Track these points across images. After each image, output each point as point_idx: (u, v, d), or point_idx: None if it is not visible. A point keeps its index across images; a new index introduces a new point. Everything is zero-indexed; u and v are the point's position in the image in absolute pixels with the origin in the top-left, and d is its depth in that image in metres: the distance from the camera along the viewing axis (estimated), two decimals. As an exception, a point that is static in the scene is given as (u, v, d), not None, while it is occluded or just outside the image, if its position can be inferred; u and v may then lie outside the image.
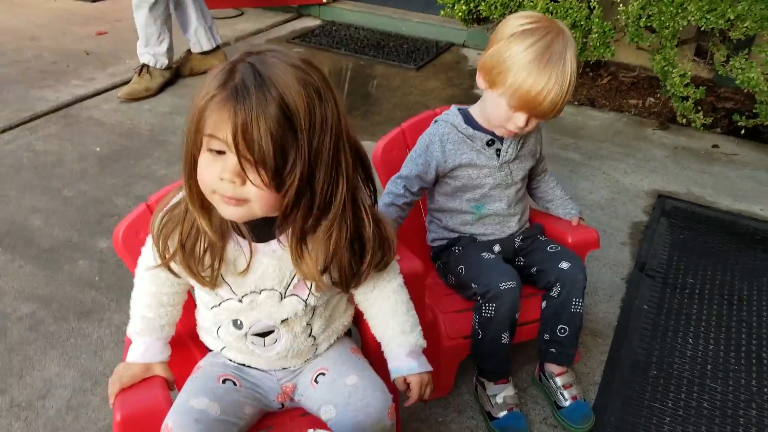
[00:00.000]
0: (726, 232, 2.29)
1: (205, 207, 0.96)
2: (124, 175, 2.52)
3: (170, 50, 3.23)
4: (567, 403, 1.50)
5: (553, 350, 1.49)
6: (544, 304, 1.50)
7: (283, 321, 1.07)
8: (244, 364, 1.16)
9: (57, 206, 2.31)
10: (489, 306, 1.41)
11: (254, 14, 4.55)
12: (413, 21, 4.31)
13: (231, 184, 0.88)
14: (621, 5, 2.93)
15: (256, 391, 1.15)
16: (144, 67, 3.19)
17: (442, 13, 3.58)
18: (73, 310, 1.85)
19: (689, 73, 2.81)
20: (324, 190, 0.91)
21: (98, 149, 2.71)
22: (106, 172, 2.54)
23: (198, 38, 3.36)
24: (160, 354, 1.11)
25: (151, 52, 3.18)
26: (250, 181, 0.86)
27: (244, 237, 0.99)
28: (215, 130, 0.86)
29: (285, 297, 1.05)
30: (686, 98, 2.84)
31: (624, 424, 1.52)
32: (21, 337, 1.75)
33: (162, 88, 3.25)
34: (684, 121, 2.93)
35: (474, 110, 1.52)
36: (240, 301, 1.04)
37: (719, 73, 2.87)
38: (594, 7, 2.98)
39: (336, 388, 1.11)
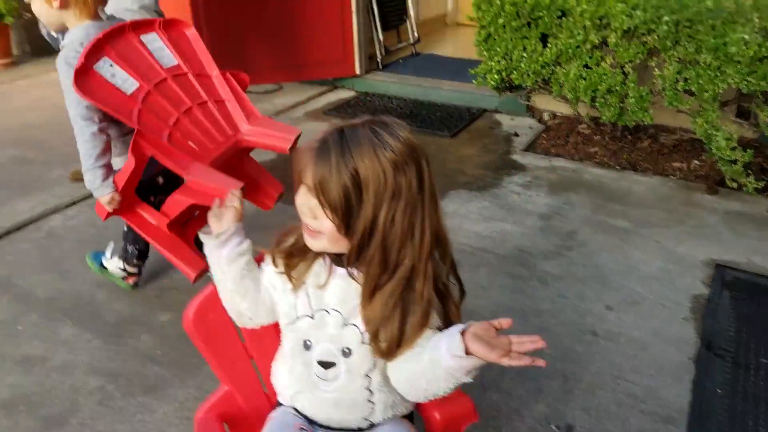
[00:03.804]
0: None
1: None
2: (180, 248, 2.59)
3: None
4: None
5: None
6: None
7: (344, 354, 1.13)
8: (310, 420, 1.20)
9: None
10: None
11: (292, 88, 4.73)
12: (444, 89, 4.45)
13: (310, 217, 1.04)
14: (656, 69, 3.00)
15: None
16: None
17: (474, 82, 3.70)
18: (139, 385, 1.89)
19: (735, 135, 2.80)
20: (394, 252, 1.03)
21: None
22: (163, 246, 2.61)
23: None
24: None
25: None
26: (326, 216, 1.03)
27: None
28: (304, 175, 1.04)
29: (347, 324, 1.12)
30: (734, 161, 2.79)
31: None
32: (92, 412, 1.79)
33: None
34: (734, 185, 2.87)
35: None
36: (312, 317, 1.14)
37: (765, 134, 2.87)
38: (628, 73, 3.06)
39: None
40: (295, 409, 1.22)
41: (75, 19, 1.84)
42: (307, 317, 1.14)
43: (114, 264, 2.30)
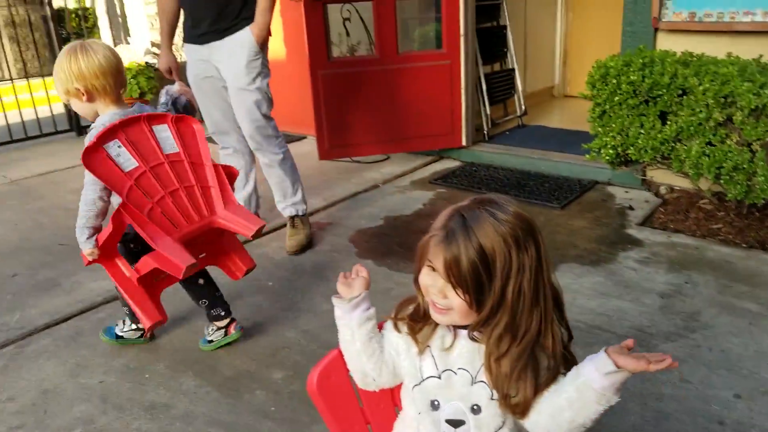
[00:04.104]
0: None
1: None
2: (293, 309, 2.68)
3: (305, 197, 3.44)
4: None
5: None
6: None
7: (474, 411, 1.16)
8: None
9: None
10: None
11: (399, 158, 4.86)
12: (553, 160, 4.41)
13: (440, 297, 1.13)
14: (787, 146, 2.87)
15: None
16: (293, 219, 3.37)
17: (587, 156, 3.66)
18: (254, 440, 1.94)
19: None
20: (523, 319, 1.11)
21: (270, 284, 2.92)
22: (277, 306, 2.71)
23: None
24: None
25: (290, 202, 3.37)
26: (456, 295, 1.11)
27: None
28: (433, 259, 1.12)
29: (475, 382, 1.17)
30: None
31: None
32: (211, 465, 1.85)
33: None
34: None
35: None
36: (439, 377, 1.19)
37: None
38: (756, 151, 2.94)
39: None
40: None
41: (104, 107, 2.13)
42: (434, 378, 1.19)
43: (128, 328, 2.48)
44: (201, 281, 2.42)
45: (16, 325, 2.66)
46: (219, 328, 2.42)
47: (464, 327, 1.18)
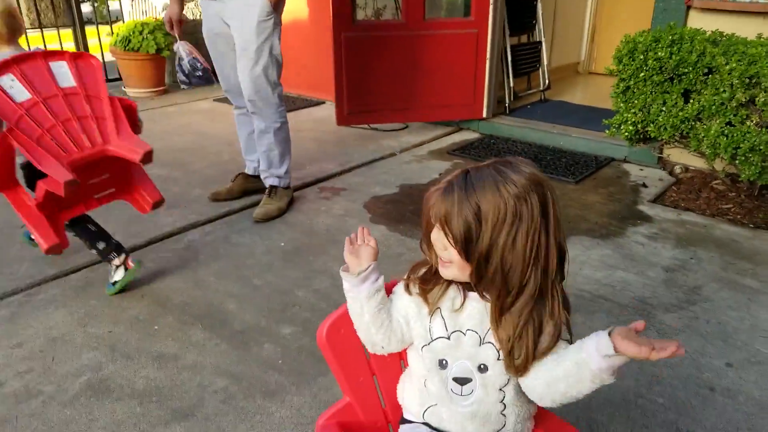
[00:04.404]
0: None
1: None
2: (305, 269, 2.75)
3: (289, 170, 3.41)
4: None
5: None
6: None
7: (480, 370, 1.19)
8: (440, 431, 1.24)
9: (248, 293, 2.56)
10: None
11: (417, 127, 4.88)
12: (572, 136, 4.42)
13: (442, 249, 1.15)
14: (804, 128, 2.86)
15: None
16: (272, 189, 3.34)
17: (607, 132, 3.66)
18: (260, 390, 2.02)
19: None
20: (515, 274, 1.10)
21: (283, 244, 2.99)
22: (289, 266, 2.78)
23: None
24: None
25: (273, 173, 3.34)
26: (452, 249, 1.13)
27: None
28: (433, 213, 1.15)
29: (483, 343, 1.19)
30: None
31: None
32: (216, 409, 1.93)
33: (290, 204, 3.42)
34: None
35: None
36: (448, 338, 1.20)
37: None
38: (774, 131, 2.93)
39: None
40: (426, 425, 1.27)
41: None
42: (443, 338, 1.21)
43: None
44: (92, 227, 2.55)
45: (25, 273, 2.72)
46: (118, 266, 2.53)
47: (472, 289, 1.19)
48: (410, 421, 1.30)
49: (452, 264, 1.14)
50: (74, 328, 2.34)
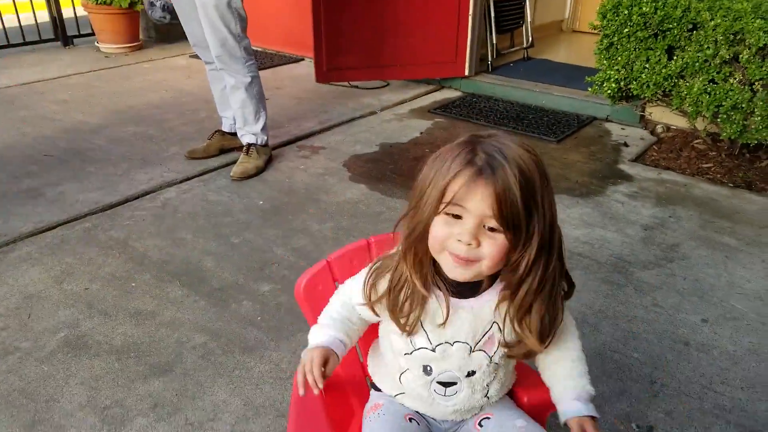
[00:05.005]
0: None
1: (417, 265, 1.07)
2: (283, 228, 2.72)
3: (266, 126, 3.35)
4: None
5: None
6: None
7: (468, 375, 1.14)
8: (417, 412, 1.21)
9: (226, 251, 2.54)
10: None
11: (398, 86, 4.82)
12: (554, 95, 4.39)
13: (466, 246, 0.98)
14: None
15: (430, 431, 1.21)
16: (249, 147, 3.29)
17: (590, 90, 3.63)
18: (239, 345, 2.01)
19: None
20: (551, 260, 1.02)
21: (261, 202, 2.95)
22: (268, 224, 2.76)
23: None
24: (338, 347, 1.17)
25: (249, 130, 3.28)
26: (503, 240, 0.98)
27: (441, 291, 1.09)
28: (462, 200, 0.97)
29: (474, 351, 1.11)
30: None
31: None
32: (194, 364, 1.93)
33: (268, 162, 3.37)
34: None
35: None
36: (433, 350, 1.11)
37: None
38: (757, 90, 2.93)
39: (504, 428, 1.14)
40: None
41: None
42: (427, 350, 1.12)
43: None
44: None
45: None
46: None
47: (464, 296, 1.09)
48: (380, 390, 1.27)
49: (480, 261, 1.00)
50: (50, 286, 2.31)
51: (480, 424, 1.19)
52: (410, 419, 1.18)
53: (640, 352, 1.99)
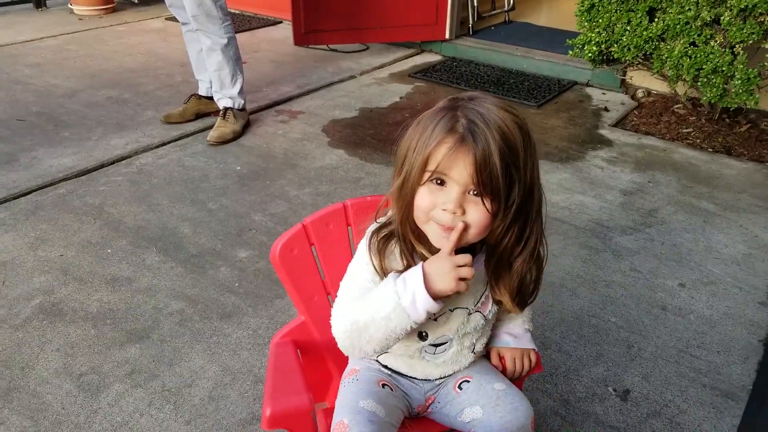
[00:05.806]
0: None
1: (418, 238, 1.04)
2: (261, 194, 2.69)
3: (243, 90, 3.30)
4: None
5: None
6: None
7: (460, 335, 1.14)
8: (398, 372, 1.21)
9: (203, 217, 2.51)
10: None
11: (378, 49, 4.75)
12: (535, 59, 4.36)
13: (451, 215, 0.97)
14: (769, 50, 2.85)
15: (405, 398, 1.20)
16: (226, 111, 3.24)
17: (570, 53, 3.60)
18: (216, 311, 2.00)
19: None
20: (529, 224, 1.02)
21: (238, 168, 2.91)
22: (245, 190, 2.72)
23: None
24: None
25: (226, 94, 3.24)
26: (486, 208, 0.96)
27: None
28: (446, 168, 0.95)
29: (471, 313, 1.13)
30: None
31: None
32: (171, 331, 1.91)
33: (245, 127, 3.32)
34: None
35: None
36: (435, 320, 1.11)
37: None
38: (738, 53, 2.91)
39: (483, 391, 1.14)
40: (377, 362, 1.22)
41: None
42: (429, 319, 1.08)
43: None
44: None
45: (-28, 197, 2.61)
46: None
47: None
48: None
49: (469, 227, 0.97)
50: (24, 252, 2.27)
51: (459, 387, 1.19)
52: (383, 385, 1.17)
53: (618, 317, 2.00)
